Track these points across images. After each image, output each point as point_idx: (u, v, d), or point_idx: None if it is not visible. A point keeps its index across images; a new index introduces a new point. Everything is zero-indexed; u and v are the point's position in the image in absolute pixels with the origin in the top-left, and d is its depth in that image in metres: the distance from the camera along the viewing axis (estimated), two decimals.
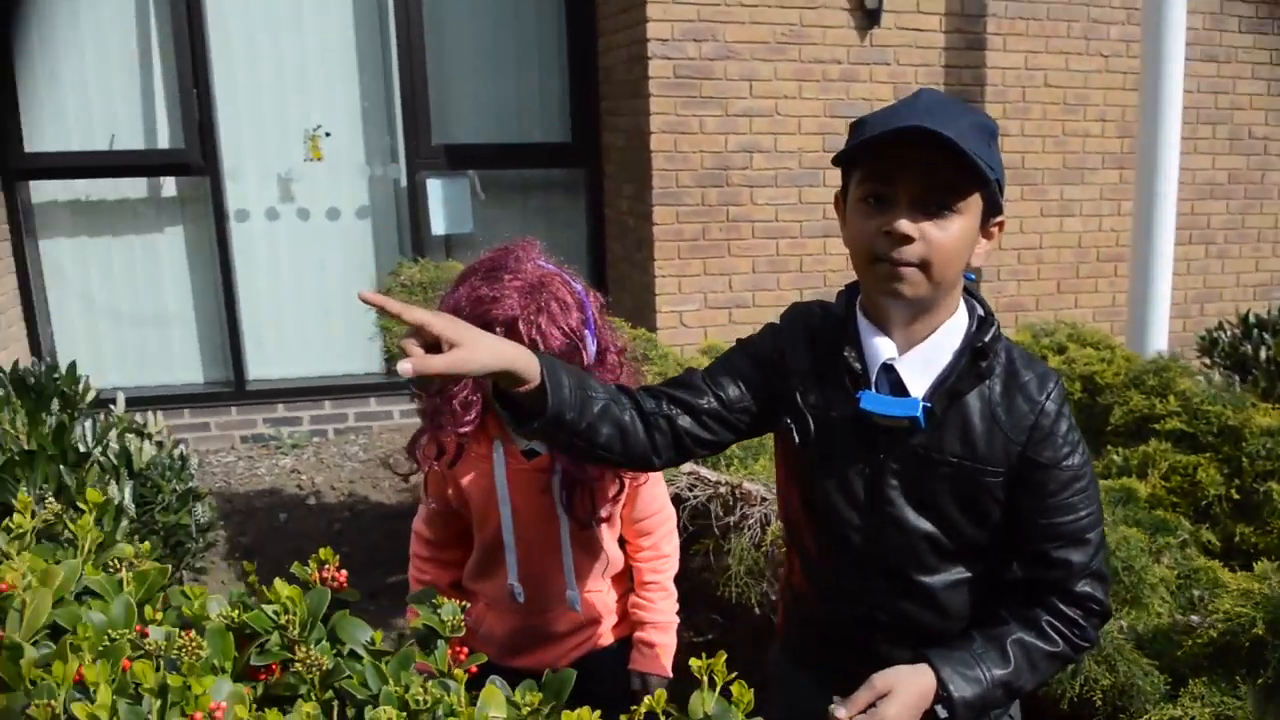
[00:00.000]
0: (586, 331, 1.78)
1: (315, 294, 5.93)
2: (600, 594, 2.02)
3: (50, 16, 5.41)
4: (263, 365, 5.89)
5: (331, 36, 5.74)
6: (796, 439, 1.51)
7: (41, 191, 5.60)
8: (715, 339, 4.62)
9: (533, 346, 1.66)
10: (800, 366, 1.52)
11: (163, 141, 5.63)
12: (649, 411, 1.49)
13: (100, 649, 1.27)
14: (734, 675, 1.25)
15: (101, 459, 2.83)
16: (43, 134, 5.48)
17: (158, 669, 1.15)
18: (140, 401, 4.98)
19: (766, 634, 2.53)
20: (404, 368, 1.24)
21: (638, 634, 2.01)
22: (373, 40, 5.78)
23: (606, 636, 2.04)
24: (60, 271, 5.70)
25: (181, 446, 3.46)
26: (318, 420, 5.84)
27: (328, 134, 5.75)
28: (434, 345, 1.28)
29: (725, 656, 1.26)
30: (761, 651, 2.02)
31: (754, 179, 5.20)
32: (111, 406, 3.29)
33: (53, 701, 1.12)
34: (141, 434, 3.19)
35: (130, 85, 5.57)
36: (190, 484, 3.16)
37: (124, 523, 2.56)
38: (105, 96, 5.56)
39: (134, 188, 5.70)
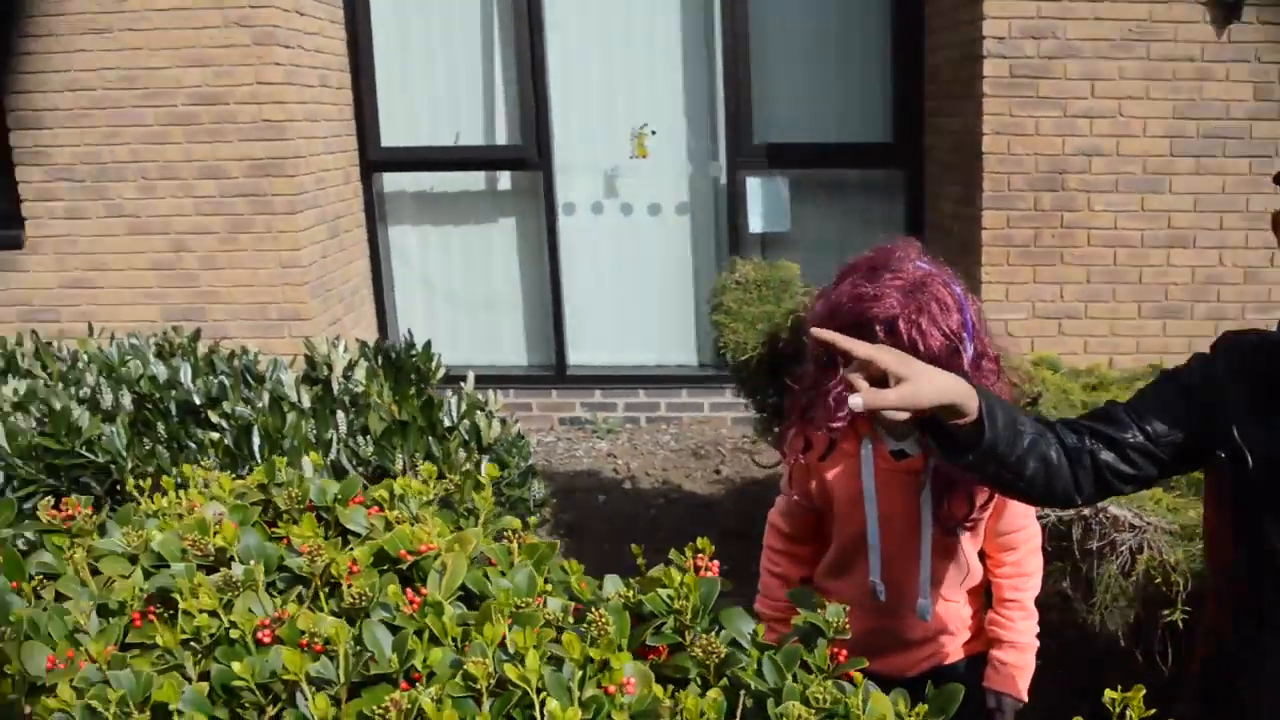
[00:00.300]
0: (965, 335, 1.74)
1: (634, 286, 6.12)
2: (955, 605, 1.97)
3: (405, 22, 5.88)
4: (582, 352, 6.15)
5: (659, 37, 5.90)
6: (1232, 474, 1.41)
7: (393, 182, 6.11)
8: (1043, 350, 4.41)
9: (912, 346, 1.65)
10: (1236, 397, 1.43)
11: (501, 138, 5.99)
12: (1071, 446, 1.46)
13: (510, 615, 1.36)
14: (1151, 712, 1.18)
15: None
16: (396, 130, 5.96)
17: (584, 641, 1.22)
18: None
19: (1106, 664, 2.41)
20: (855, 402, 1.28)
21: (994, 652, 1.95)
22: (698, 40, 5.89)
23: (956, 652, 1.99)
24: (405, 256, 6.21)
25: (519, 424, 3.66)
26: (631, 408, 6.03)
27: (653, 132, 5.92)
28: (880, 379, 1.32)
29: (1143, 691, 1.20)
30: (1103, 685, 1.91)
31: (1092, 184, 4.91)
32: (462, 384, 3.51)
33: (486, 660, 1.20)
34: (484, 411, 3.40)
35: (473, 85, 5.97)
36: (529, 461, 3.33)
37: None
38: (452, 96, 5.99)
39: (474, 181, 6.10)
